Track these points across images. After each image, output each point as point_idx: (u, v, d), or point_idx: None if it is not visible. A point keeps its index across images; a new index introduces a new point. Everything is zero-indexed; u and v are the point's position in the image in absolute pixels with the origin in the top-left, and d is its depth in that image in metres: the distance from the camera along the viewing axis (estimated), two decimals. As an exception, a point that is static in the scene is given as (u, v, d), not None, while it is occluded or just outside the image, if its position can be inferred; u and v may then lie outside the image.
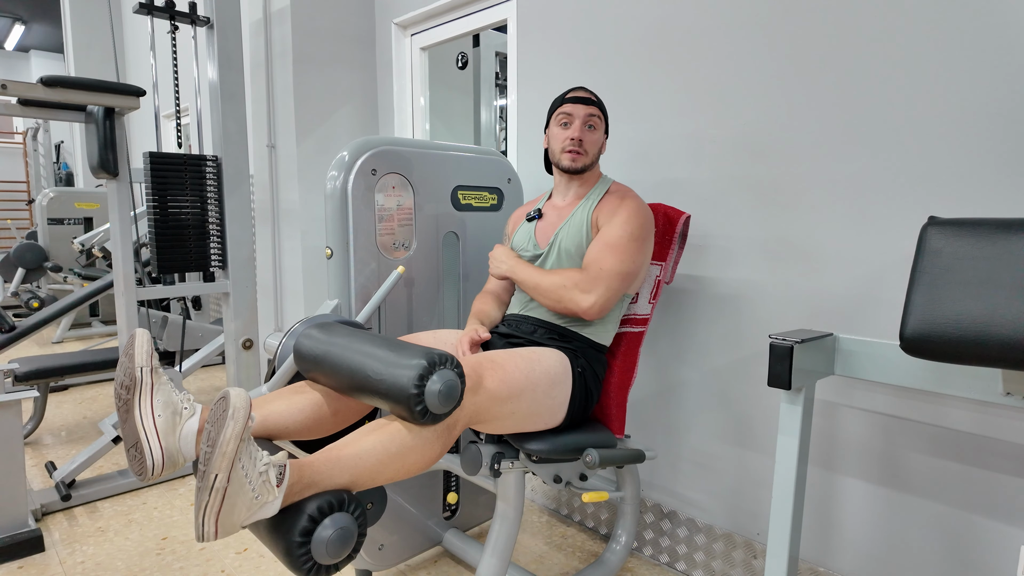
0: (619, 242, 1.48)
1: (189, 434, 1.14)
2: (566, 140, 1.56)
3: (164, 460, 1.11)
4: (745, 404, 1.75)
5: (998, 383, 1.13)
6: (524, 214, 1.75)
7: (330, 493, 1.05)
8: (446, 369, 1.14)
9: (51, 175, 7.91)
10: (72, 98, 2.10)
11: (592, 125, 1.57)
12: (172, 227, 2.41)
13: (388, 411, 1.22)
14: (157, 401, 1.13)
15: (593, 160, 1.59)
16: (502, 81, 3.39)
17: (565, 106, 1.57)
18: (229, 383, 2.71)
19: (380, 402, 1.17)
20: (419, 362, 1.11)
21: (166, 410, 1.13)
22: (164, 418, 1.12)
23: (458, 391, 1.15)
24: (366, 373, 1.18)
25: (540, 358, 1.42)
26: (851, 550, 1.57)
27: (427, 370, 1.11)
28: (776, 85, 1.61)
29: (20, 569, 1.92)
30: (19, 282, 5.01)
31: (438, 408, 1.13)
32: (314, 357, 1.31)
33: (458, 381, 1.15)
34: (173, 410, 1.14)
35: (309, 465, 1.07)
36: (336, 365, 1.25)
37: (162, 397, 1.14)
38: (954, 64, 1.33)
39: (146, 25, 5.53)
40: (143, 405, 1.12)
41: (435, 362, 1.12)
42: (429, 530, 1.97)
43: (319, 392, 1.36)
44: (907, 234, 1.42)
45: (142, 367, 1.13)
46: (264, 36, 2.85)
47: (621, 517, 1.83)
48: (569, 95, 1.58)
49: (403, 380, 1.11)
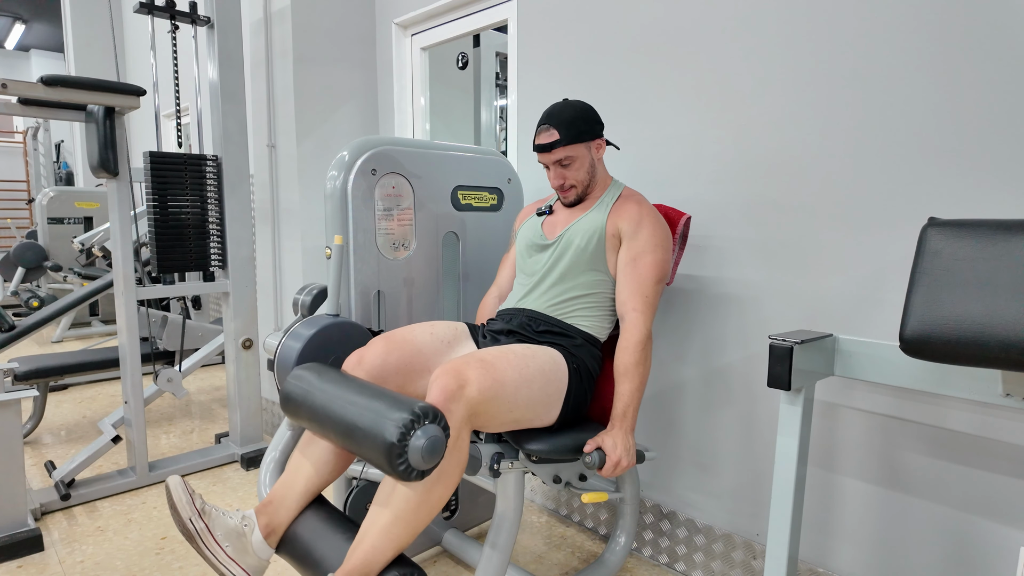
0: (651, 258, 1.52)
1: (259, 543, 1.28)
2: (552, 186, 1.62)
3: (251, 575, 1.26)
4: (745, 404, 1.75)
5: (998, 384, 1.13)
6: (534, 210, 1.77)
7: (387, 573, 1.16)
8: (430, 424, 1.12)
9: (51, 174, 7.91)
10: (72, 97, 2.10)
11: (566, 163, 1.56)
12: (172, 227, 2.40)
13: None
14: (219, 536, 1.24)
15: (587, 181, 1.60)
16: (502, 81, 3.39)
17: (536, 155, 1.63)
18: (229, 383, 2.72)
19: (369, 463, 1.21)
20: (397, 417, 1.10)
21: (230, 538, 1.25)
22: (232, 546, 1.25)
23: (443, 446, 1.14)
24: (349, 434, 1.19)
25: (534, 354, 1.43)
26: (851, 551, 1.57)
27: (409, 427, 1.10)
28: (776, 85, 1.61)
29: (19, 568, 1.92)
30: (19, 281, 5.01)
31: (422, 464, 1.12)
32: (300, 416, 1.34)
33: (443, 436, 1.14)
34: (236, 534, 1.26)
35: (354, 568, 1.15)
36: (321, 425, 1.28)
37: (221, 531, 1.25)
38: (954, 64, 1.33)
39: (146, 25, 5.52)
40: (211, 548, 1.23)
41: (413, 421, 1.11)
42: (428, 530, 1.97)
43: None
44: (907, 235, 1.42)
45: (191, 519, 1.23)
46: (264, 36, 2.85)
47: (620, 517, 1.82)
48: (535, 143, 1.58)
49: (385, 446, 1.10)
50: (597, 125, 1.58)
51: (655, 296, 1.52)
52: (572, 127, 1.53)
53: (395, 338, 1.48)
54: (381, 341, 1.46)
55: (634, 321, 1.49)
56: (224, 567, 1.23)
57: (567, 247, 1.58)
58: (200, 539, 1.22)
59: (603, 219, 1.57)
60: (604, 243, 1.56)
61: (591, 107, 1.58)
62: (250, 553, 1.26)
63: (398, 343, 1.46)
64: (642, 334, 1.47)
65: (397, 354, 1.44)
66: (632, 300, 1.50)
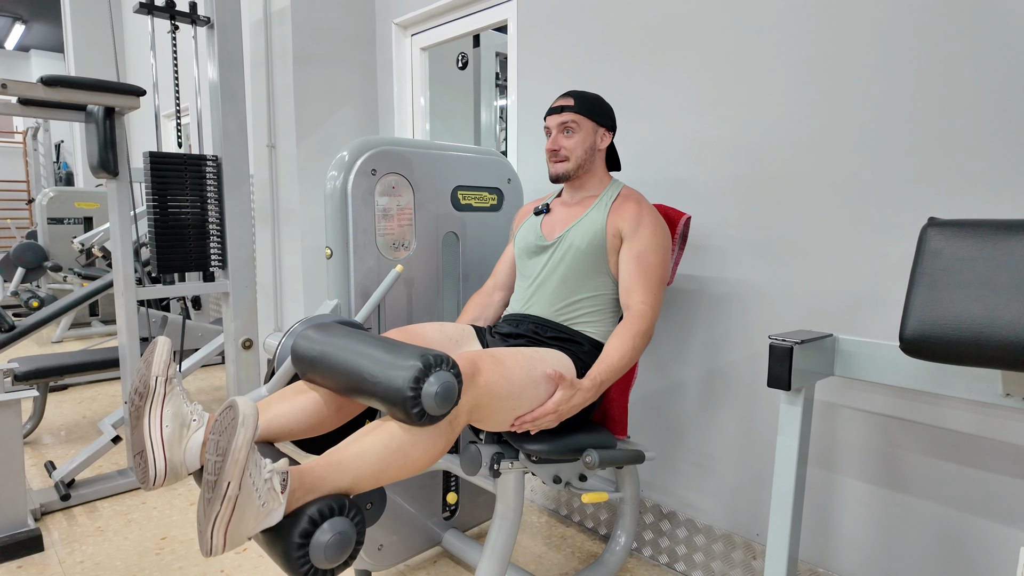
0: (654, 257, 1.52)
1: (194, 446, 1.15)
2: (547, 151, 1.63)
3: (167, 471, 1.12)
4: (745, 404, 1.75)
5: (997, 384, 1.13)
6: (531, 209, 1.77)
7: (330, 497, 1.06)
8: (443, 370, 1.13)
9: (51, 175, 7.91)
10: (72, 98, 2.10)
11: (570, 129, 1.59)
12: (172, 227, 2.40)
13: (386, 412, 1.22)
14: (167, 412, 1.14)
15: (580, 162, 1.60)
16: (502, 81, 3.39)
17: (546, 120, 1.64)
18: (229, 383, 2.71)
19: (377, 404, 1.17)
20: (415, 363, 1.10)
21: (174, 421, 1.14)
22: (172, 429, 1.13)
23: (455, 392, 1.15)
24: (362, 375, 1.17)
25: (542, 356, 1.43)
26: (851, 550, 1.57)
27: (423, 372, 1.10)
28: (776, 85, 1.61)
29: (19, 569, 1.92)
30: (19, 281, 5.01)
31: (435, 410, 1.12)
32: (311, 359, 1.31)
33: (455, 382, 1.15)
34: (181, 422, 1.15)
35: (310, 471, 1.07)
36: (332, 367, 1.25)
37: (172, 408, 1.15)
38: (954, 64, 1.33)
39: (146, 25, 5.52)
40: (152, 415, 1.13)
41: (431, 364, 1.11)
42: (428, 530, 1.97)
43: (320, 390, 1.36)
44: (907, 234, 1.42)
45: (157, 376, 1.15)
46: (264, 36, 2.85)
47: (620, 518, 1.82)
48: (549, 108, 1.63)
49: (399, 382, 1.10)
50: (611, 119, 1.64)
51: (660, 295, 1.52)
52: (589, 104, 1.60)
53: (407, 332, 1.50)
54: (394, 333, 1.48)
55: (641, 312, 1.47)
56: (150, 443, 1.11)
57: (568, 249, 1.57)
58: (150, 401, 1.13)
59: (603, 219, 1.57)
60: (605, 244, 1.55)
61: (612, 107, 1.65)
62: (180, 449, 1.14)
63: (409, 336, 1.49)
64: (647, 324, 1.47)
65: None
66: (640, 293, 1.50)
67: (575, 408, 1.38)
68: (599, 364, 1.42)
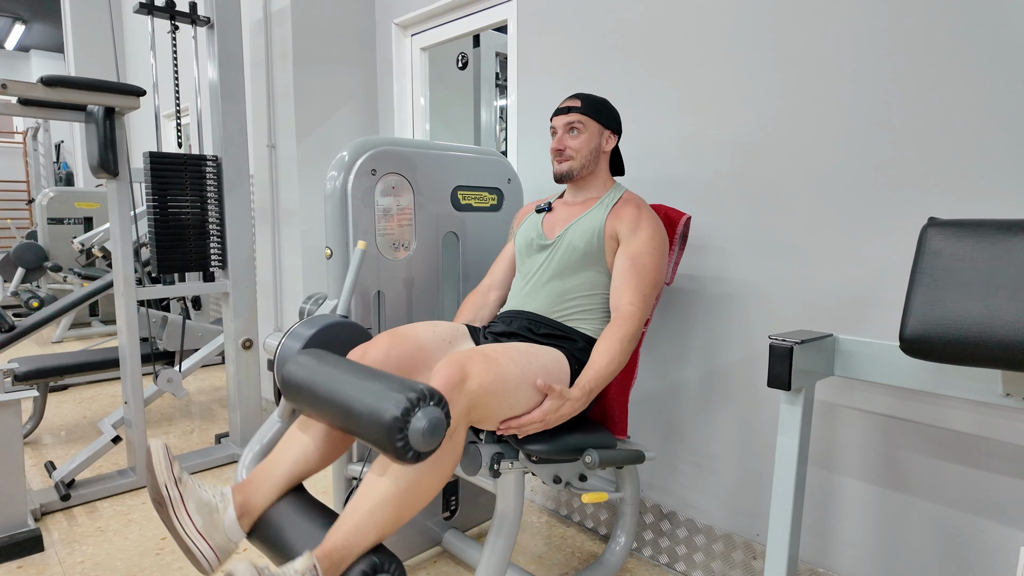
0: (649, 261, 1.53)
1: (231, 523, 1.22)
2: (551, 150, 1.65)
3: (218, 555, 1.20)
4: (745, 404, 1.75)
5: (998, 384, 1.13)
6: (533, 208, 1.78)
7: (363, 561, 1.11)
8: (431, 406, 1.10)
9: (51, 175, 7.91)
10: (72, 98, 2.10)
11: (575, 130, 1.60)
12: (172, 227, 2.40)
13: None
14: (191, 508, 1.19)
15: (584, 162, 1.61)
16: (502, 81, 3.39)
17: (552, 120, 1.65)
18: (229, 383, 2.72)
19: (366, 442, 1.17)
20: (394, 414, 1.07)
21: (201, 512, 1.20)
22: (203, 520, 1.19)
23: (443, 427, 1.12)
24: (348, 422, 1.17)
25: (538, 353, 1.43)
26: (851, 551, 1.57)
27: (403, 420, 1.07)
28: (776, 85, 1.61)
29: (19, 569, 1.92)
30: (19, 282, 5.01)
31: (422, 445, 1.09)
32: (300, 397, 1.31)
33: (444, 418, 1.12)
34: (209, 508, 1.21)
35: (334, 548, 1.11)
36: (320, 409, 1.25)
37: (194, 503, 1.20)
38: (954, 63, 1.33)
39: (146, 25, 5.52)
40: (180, 518, 1.18)
41: (410, 407, 1.08)
42: (428, 530, 1.97)
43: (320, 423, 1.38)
44: (907, 234, 1.42)
45: (165, 484, 1.19)
46: (264, 36, 2.85)
47: (620, 518, 1.82)
48: (556, 108, 1.65)
49: (382, 433, 1.08)
50: (616, 123, 1.66)
51: (651, 299, 1.52)
52: (595, 106, 1.62)
53: (398, 334, 1.48)
54: (385, 336, 1.47)
55: (629, 314, 1.47)
56: (191, 540, 1.17)
57: (566, 247, 1.58)
58: (172, 507, 1.17)
59: (602, 220, 1.57)
60: (603, 244, 1.56)
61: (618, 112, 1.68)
62: (220, 531, 1.20)
63: (401, 338, 1.47)
64: (634, 327, 1.46)
65: (400, 349, 1.44)
66: (630, 295, 1.49)
67: (563, 417, 1.38)
68: (587, 371, 1.42)
